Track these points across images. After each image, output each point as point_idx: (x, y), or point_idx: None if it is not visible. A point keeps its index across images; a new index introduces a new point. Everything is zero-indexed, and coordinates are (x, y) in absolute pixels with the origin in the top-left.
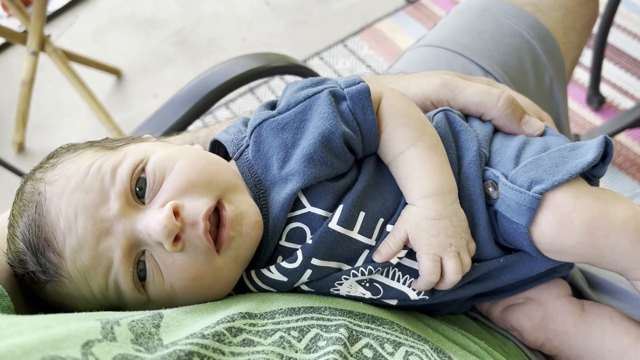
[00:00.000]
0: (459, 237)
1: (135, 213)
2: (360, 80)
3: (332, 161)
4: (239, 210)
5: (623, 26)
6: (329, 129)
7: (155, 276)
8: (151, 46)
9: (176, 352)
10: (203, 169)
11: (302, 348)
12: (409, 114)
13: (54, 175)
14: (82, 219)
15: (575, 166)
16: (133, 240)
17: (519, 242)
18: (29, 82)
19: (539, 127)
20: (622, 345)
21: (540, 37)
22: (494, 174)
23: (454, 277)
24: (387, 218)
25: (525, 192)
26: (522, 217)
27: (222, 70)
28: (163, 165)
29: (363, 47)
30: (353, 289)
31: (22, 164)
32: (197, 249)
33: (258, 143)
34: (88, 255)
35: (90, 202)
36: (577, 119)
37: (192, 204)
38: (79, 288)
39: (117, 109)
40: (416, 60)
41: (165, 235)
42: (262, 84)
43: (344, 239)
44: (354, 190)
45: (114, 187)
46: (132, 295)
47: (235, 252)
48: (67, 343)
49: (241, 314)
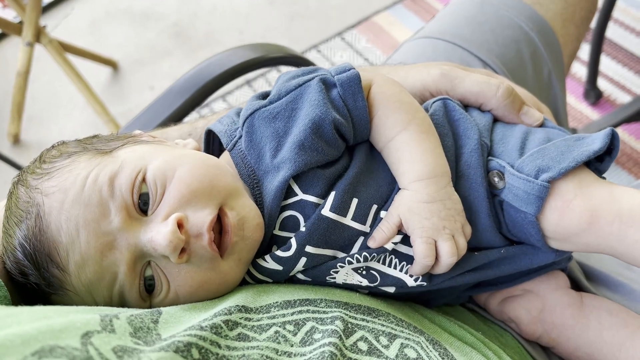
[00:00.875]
0: (453, 220)
1: (138, 225)
2: (350, 67)
3: (323, 147)
4: (240, 216)
5: (621, 20)
6: (319, 116)
7: (163, 286)
8: (148, 38)
9: (175, 343)
10: (204, 177)
11: (298, 342)
12: (400, 99)
13: (51, 187)
14: (85, 234)
15: (581, 154)
16: (137, 253)
17: (526, 231)
18: (25, 73)
19: (538, 117)
20: (620, 337)
21: (539, 30)
22: (500, 164)
23: (449, 260)
24: (380, 204)
25: (533, 180)
26: (531, 206)
27: (220, 60)
28: (163, 174)
29: (361, 40)
30: (349, 276)
31: (17, 155)
32: (202, 257)
33: (250, 133)
34: (92, 270)
35: (90, 215)
36: (574, 113)
37: (195, 216)
38: (83, 300)
39: (113, 101)
40: (415, 51)
41: (171, 250)
42: (259, 76)
43: (337, 226)
44: (346, 176)
45: (114, 200)
46: (136, 304)
47: (238, 255)
48: (66, 333)
49: (238, 307)
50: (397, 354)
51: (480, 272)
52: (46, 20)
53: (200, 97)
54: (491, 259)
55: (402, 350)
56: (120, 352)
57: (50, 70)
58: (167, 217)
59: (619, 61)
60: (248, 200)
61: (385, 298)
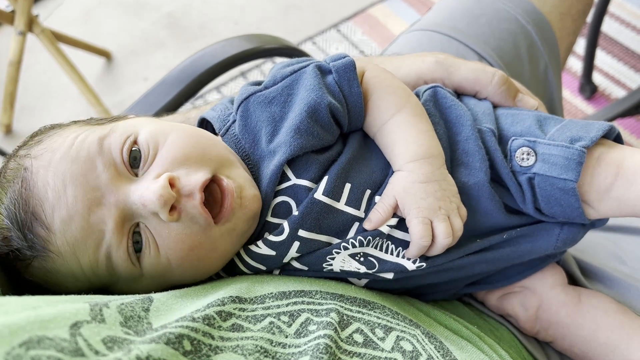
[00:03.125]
0: (448, 200)
1: (127, 184)
2: (346, 55)
3: (319, 132)
4: (237, 183)
5: (617, 15)
6: (315, 100)
7: (151, 248)
8: (141, 29)
9: (166, 335)
10: (197, 143)
11: (292, 333)
12: (392, 84)
13: (40, 149)
14: (72, 189)
15: (602, 125)
16: (126, 212)
17: (564, 202)
18: (17, 63)
19: (533, 104)
20: (614, 339)
21: (535, 23)
22: (528, 140)
23: (445, 241)
24: (374, 190)
25: (571, 146)
26: (572, 172)
27: (215, 51)
28: (155, 137)
29: (356, 32)
30: (347, 263)
31: (9, 146)
32: (193, 219)
33: (245, 117)
34: (79, 226)
35: (78, 170)
36: (569, 107)
37: (188, 177)
38: (67, 264)
39: (106, 92)
40: (411, 43)
41: (161, 204)
42: (254, 68)
43: (330, 210)
44: (339, 161)
45: (102, 157)
46: (124, 269)
47: (233, 224)
48: (55, 324)
49: (231, 298)
50: (393, 347)
51: (480, 255)
52: (38, 10)
53: (195, 88)
54: (493, 243)
55: (397, 343)
56: (110, 342)
57: (42, 60)
58: (159, 176)
59: (614, 55)
60: (243, 171)
61: (380, 291)
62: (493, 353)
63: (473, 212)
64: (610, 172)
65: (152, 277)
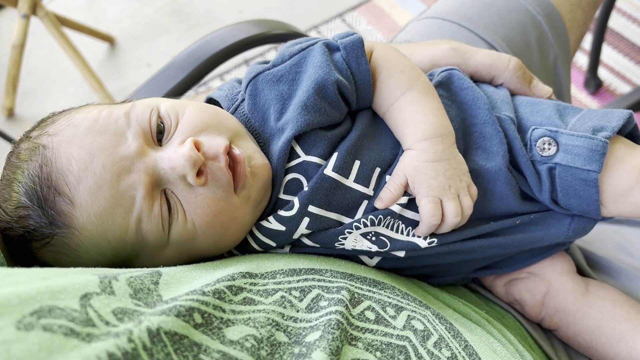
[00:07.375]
0: (458, 179)
1: (154, 152)
2: (354, 32)
3: (326, 109)
4: (247, 154)
5: (624, 10)
6: (322, 77)
7: (179, 213)
8: (145, 15)
9: (176, 307)
10: (213, 114)
11: (304, 308)
12: (401, 62)
13: (58, 127)
14: (100, 159)
15: (621, 113)
16: (155, 177)
17: (584, 194)
18: (20, 46)
19: (547, 90)
20: (620, 330)
21: (546, 13)
22: (550, 130)
23: (454, 220)
24: (384, 168)
25: (594, 137)
26: (595, 163)
27: (222, 35)
28: (175, 109)
29: (362, 22)
30: (359, 242)
31: (11, 130)
32: (218, 182)
33: (254, 96)
34: (108, 195)
35: (106, 142)
36: (574, 101)
37: (210, 141)
38: (92, 237)
39: (109, 77)
40: (420, 31)
41: (190, 165)
42: (258, 56)
43: (339, 187)
44: (349, 138)
45: (131, 128)
46: (153, 236)
47: (248, 191)
48: (65, 294)
49: (241, 274)
50: (405, 325)
51: (491, 239)
52: None
53: (203, 72)
54: (505, 226)
55: (409, 322)
56: (120, 314)
57: (46, 44)
58: (184, 142)
59: (620, 51)
60: (252, 144)
61: (389, 272)
62: (502, 337)
63: (488, 196)
64: (632, 177)
65: (177, 245)
